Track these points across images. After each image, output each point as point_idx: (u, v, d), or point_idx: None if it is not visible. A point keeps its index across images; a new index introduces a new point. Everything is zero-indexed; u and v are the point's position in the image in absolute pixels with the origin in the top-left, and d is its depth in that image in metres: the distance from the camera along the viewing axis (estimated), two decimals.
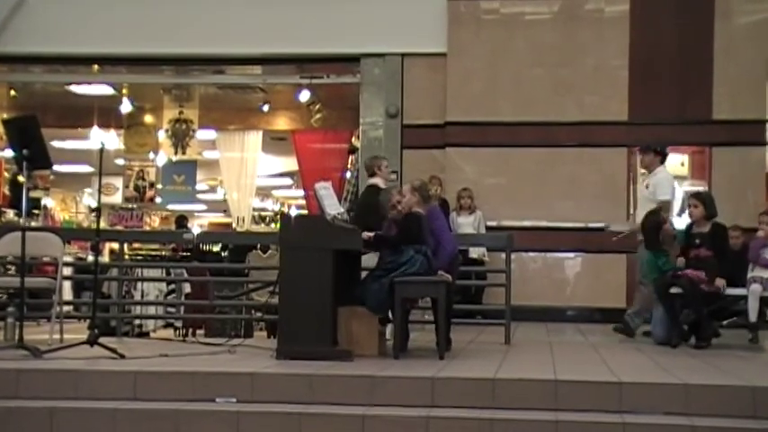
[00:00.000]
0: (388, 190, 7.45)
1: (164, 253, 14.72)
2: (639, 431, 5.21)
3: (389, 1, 11.98)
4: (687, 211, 8.23)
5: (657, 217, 8.83)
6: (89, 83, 13.96)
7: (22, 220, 8.69)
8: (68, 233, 12.33)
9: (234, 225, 16.70)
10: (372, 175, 8.96)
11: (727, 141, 11.32)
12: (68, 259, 11.56)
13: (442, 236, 7.32)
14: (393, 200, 7.27)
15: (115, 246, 12.46)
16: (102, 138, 14.08)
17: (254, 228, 18.27)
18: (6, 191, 16.56)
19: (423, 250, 6.89)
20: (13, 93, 14.03)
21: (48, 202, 18.92)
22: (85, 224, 19.13)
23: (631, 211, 9.07)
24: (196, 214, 23.45)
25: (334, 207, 7.08)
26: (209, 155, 17.16)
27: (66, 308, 8.85)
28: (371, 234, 7.16)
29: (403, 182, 10.52)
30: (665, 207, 8.88)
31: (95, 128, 15.19)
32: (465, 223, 10.96)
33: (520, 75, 11.66)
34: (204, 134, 15.91)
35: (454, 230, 10.53)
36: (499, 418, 5.35)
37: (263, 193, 21.04)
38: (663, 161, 9.18)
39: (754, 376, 5.97)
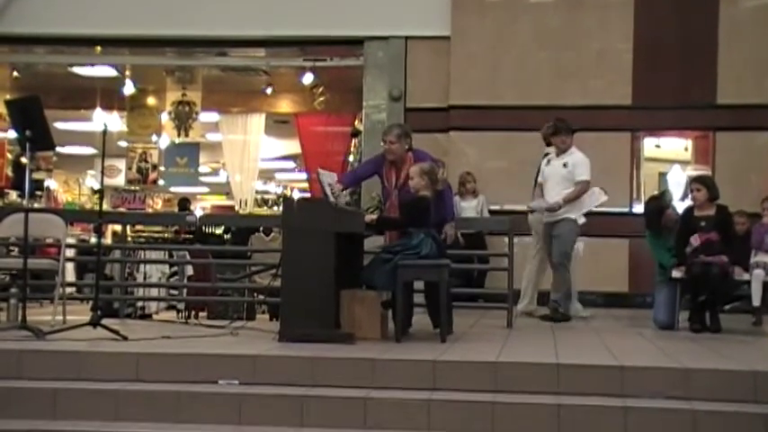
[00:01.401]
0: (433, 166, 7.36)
1: (166, 235, 14.73)
2: (641, 415, 5.21)
3: None
4: (690, 195, 8.20)
5: (661, 201, 8.82)
6: (92, 64, 13.92)
7: (24, 202, 8.70)
8: (71, 215, 12.32)
9: (236, 208, 16.72)
10: (549, 144, 9.02)
11: (732, 126, 11.28)
12: (71, 241, 11.58)
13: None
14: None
15: (118, 228, 12.46)
16: (105, 120, 14.00)
17: (257, 210, 18.28)
18: (9, 172, 16.57)
19: (431, 233, 6.91)
20: (15, 74, 13.99)
21: (50, 183, 18.92)
22: (88, 206, 19.13)
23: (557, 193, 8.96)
24: (199, 197, 23.46)
25: (336, 195, 7.09)
26: (211, 137, 17.15)
27: (68, 289, 8.88)
28: (374, 217, 7.18)
29: None
30: (584, 187, 8.88)
31: (98, 110, 15.18)
32: (468, 207, 10.96)
33: (524, 58, 11.63)
34: (207, 116, 15.90)
35: (457, 214, 10.52)
36: (501, 401, 5.35)
37: (266, 175, 21.03)
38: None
39: (755, 361, 5.97)
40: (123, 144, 17.03)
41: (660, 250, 8.50)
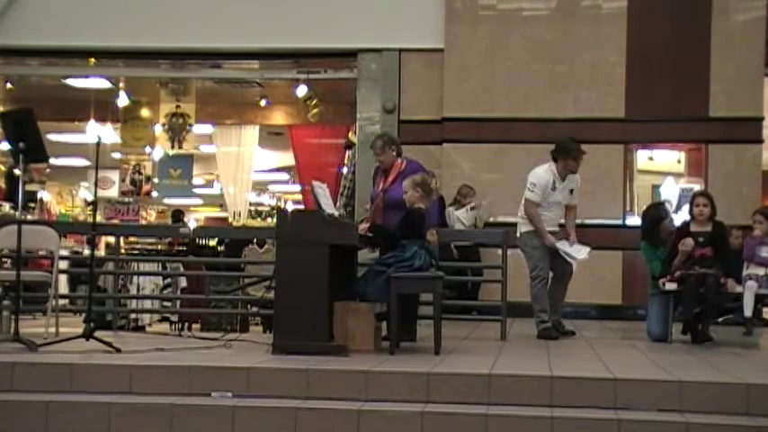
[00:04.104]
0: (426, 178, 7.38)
1: (160, 247, 14.69)
2: (634, 427, 5.22)
3: None
4: (696, 210, 8.14)
5: (659, 211, 8.82)
6: (86, 76, 13.93)
7: (17, 214, 8.67)
8: (64, 227, 12.31)
9: (230, 220, 16.71)
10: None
11: (724, 138, 11.33)
12: (64, 253, 11.55)
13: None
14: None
15: (111, 239, 12.44)
16: (99, 131, 14.07)
17: (251, 222, 18.26)
18: (2, 184, 16.57)
19: (425, 245, 6.93)
20: (9, 86, 13.99)
21: (44, 195, 18.90)
22: (81, 218, 19.11)
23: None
24: (192, 208, 23.44)
25: (329, 207, 7.11)
26: (205, 149, 17.17)
27: (61, 301, 8.86)
28: (367, 225, 7.20)
29: None
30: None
31: (92, 121, 15.19)
32: (463, 218, 10.96)
33: (517, 71, 11.67)
34: (201, 128, 15.92)
35: (451, 225, 10.56)
36: (494, 413, 5.35)
37: (260, 187, 21.05)
38: None
39: (748, 373, 5.97)
40: (117, 156, 17.03)
41: (654, 261, 8.51)
